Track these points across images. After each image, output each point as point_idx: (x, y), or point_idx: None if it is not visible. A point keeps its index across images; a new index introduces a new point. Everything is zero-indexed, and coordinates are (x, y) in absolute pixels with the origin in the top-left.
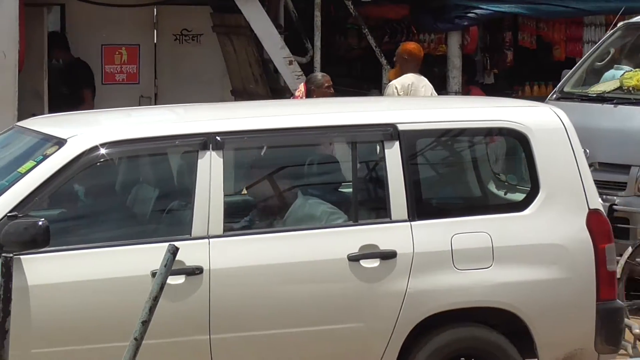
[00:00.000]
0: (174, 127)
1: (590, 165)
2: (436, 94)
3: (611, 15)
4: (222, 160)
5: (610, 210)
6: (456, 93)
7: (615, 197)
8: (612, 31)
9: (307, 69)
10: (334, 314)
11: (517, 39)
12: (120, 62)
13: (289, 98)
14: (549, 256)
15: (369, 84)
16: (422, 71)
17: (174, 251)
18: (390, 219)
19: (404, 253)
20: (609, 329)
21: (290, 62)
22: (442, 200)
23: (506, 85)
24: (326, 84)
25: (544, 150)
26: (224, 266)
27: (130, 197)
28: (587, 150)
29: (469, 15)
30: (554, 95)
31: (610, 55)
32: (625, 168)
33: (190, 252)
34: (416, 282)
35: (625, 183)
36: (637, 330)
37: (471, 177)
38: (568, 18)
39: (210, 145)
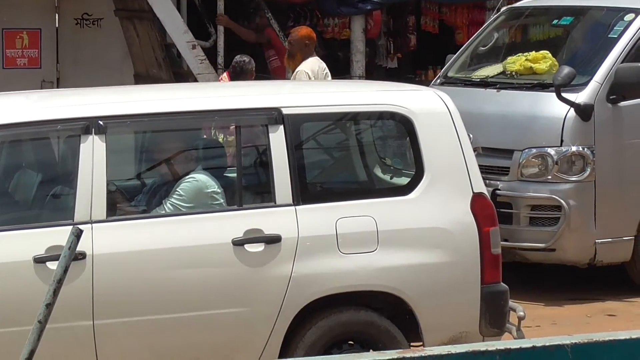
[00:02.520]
0: (56, 111)
1: (473, 150)
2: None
3: None
4: (104, 144)
5: (493, 195)
6: (360, 77)
7: (498, 182)
8: (495, 16)
9: (211, 53)
10: (218, 299)
11: (420, 23)
12: (21, 46)
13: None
14: (433, 240)
15: None
16: (326, 56)
17: (78, 234)
18: (275, 203)
19: (289, 237)
20: (493, 311)
21: (194, 47)
22: (327, 184)
23: (409, 69)
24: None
25: (428, 134)
26: (107, 251)
27: (13, 182)
28: (471, 135)
29: None
30: (438, 80)
31: (494, 40)
32: (508, 153)
33: None
34: (301, 266)
35: (508, 168)
36: (522, 313)
37: (357, 161)
38: (470, 2)
39: (93, 129)
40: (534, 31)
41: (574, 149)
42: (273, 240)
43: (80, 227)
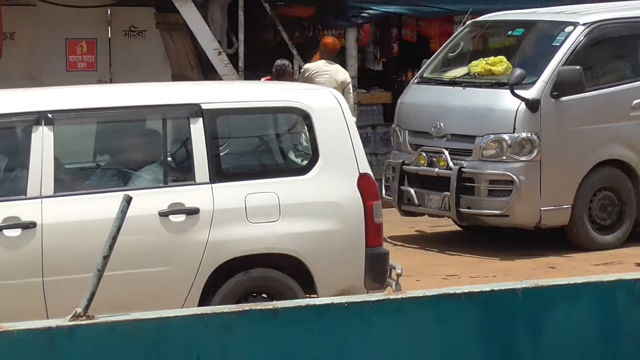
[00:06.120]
0: (11, 105)
1: (443, 136)
2: (344, 79)
3: (474, 14)
4: (52, 134)
5: (460, 171)
6: (353, 78)
7: (463, 162)
8: (461, 28)
9: (233, 58)
10: (147, 260)
11: (401, 34)
12: (81, 53)
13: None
14: (326, 211)
15: None
16: None
17: (128, 199)
18: (195, 182)
19: (206, 210)
20: (375, 269)
21: (219, 53)
22: (239, 166)
23: (393, 71)
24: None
25: (322, 125)
26: (54, 221)
27: None
28: (441, 124)
29: (363, 14)
30: (416, 80)
31: (460, 48)
32: (471, 138)
33: (25, 209)
34: (216, 233)
35: (472, 150)
36: (399, 271)
37: (264, 147)
38: (441, 17)
39: (42, 121)
40: (492, 40)
41: (524, 135)
42: (193, 212)
43: (32, 200)
